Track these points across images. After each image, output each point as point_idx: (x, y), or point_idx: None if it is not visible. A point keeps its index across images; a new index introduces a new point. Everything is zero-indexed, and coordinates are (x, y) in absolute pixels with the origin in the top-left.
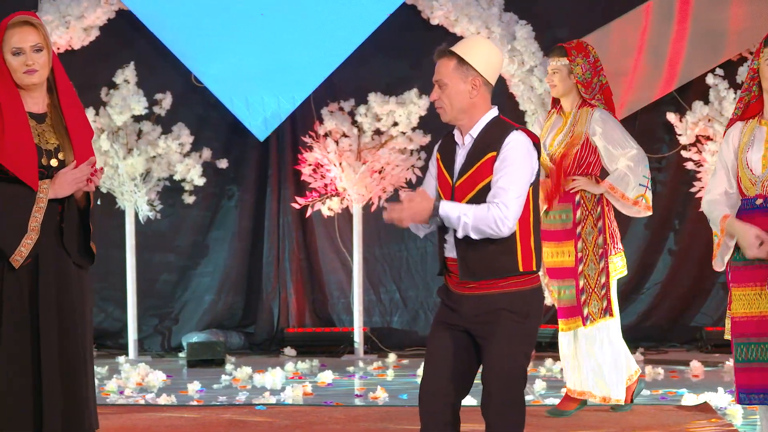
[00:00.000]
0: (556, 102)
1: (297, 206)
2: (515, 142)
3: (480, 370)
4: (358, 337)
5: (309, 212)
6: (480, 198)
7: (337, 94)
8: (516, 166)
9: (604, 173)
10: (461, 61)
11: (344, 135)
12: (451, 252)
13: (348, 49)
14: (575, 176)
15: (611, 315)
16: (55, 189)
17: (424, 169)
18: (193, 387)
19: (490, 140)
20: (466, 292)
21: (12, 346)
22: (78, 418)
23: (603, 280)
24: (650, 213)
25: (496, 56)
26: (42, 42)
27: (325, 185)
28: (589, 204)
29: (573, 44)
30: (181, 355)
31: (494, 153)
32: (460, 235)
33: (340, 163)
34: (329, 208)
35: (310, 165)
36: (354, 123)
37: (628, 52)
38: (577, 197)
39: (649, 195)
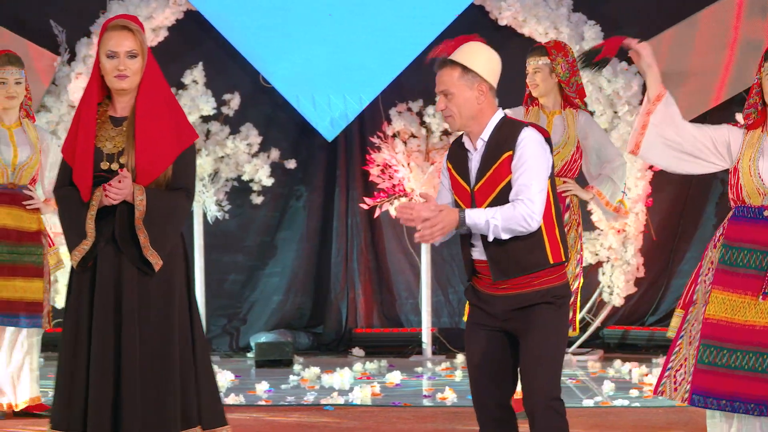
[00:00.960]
0: (529, 101)
1: (365, 207)
2: (529, 139)
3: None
4: (426, 337)
5: (377, 213)
6: (501, 199)
7: (406, 95)
8: (533, 160)
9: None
10: (465, 69)
11: (412, 135)
12: (479, 255)
13: (416, 49)
14: (566, 179)
15: (574, 330)
16: (102, 198)
17: None
18: (262, 387)
19: (504, 140)
20: (499, 293)
21: (70, 344)
22: (128, 418)
23: (575, 285)
24: (627, 218)
25: (496, 61)
26: (137, 48)
27: (393, 186)
28: (576, 209)
29: (551, 44)
30: (250, 355)
31: (510, 152)
32: (491, 238)
33: (409, 164)
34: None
35: (378, 165)
36: (422, 123)
37: (717, 47)
38: (567, 200)
39: (626, 201)
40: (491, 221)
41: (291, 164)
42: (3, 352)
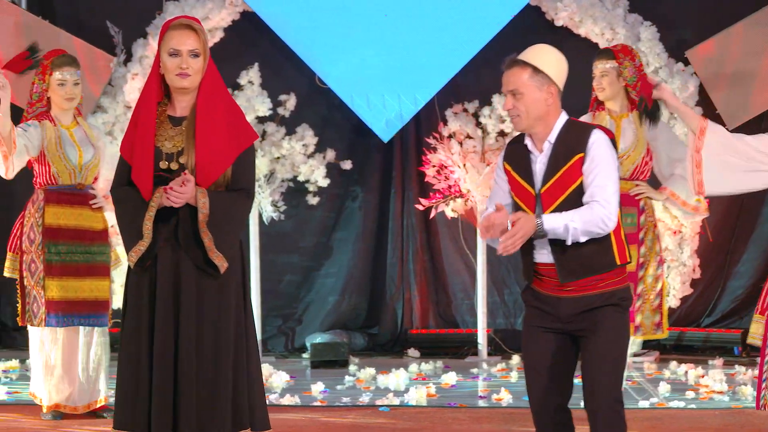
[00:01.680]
0: (596, 105)
1: (421, 207)
2: (600, 141)
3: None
4: (481, 338)
5: (433, 213)
6: (570, 201)
7: (461, 96)
8: (606, 162)
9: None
10: (536, 70)
11: (468, 136)
12: (543, 257)
13: (472, 50)
14: (638, 182)
15: (663, 332)
16: (161, 199)
17: None
18: (317, 388)
19: (573, 143)
20: (564, 295)
21: (131, 345)
22: (186, 417)
23: (659, 287)
24: (708, 215)
25: (564, 63)
26: (200, 48)
27: (449, 186)
28: (651, 210)
29: (619, 47)
30: (305, 355)
31: (581, 154)
32: (569, 241)
33: (464, 165)
34: (453, 209)
35: (434, 166)
36: (478, 124)
37: (757, 53)
38: (642, 203)
39: (703, 198)
40: (570, 225)
41: (347, 165)
42: (80, 353)
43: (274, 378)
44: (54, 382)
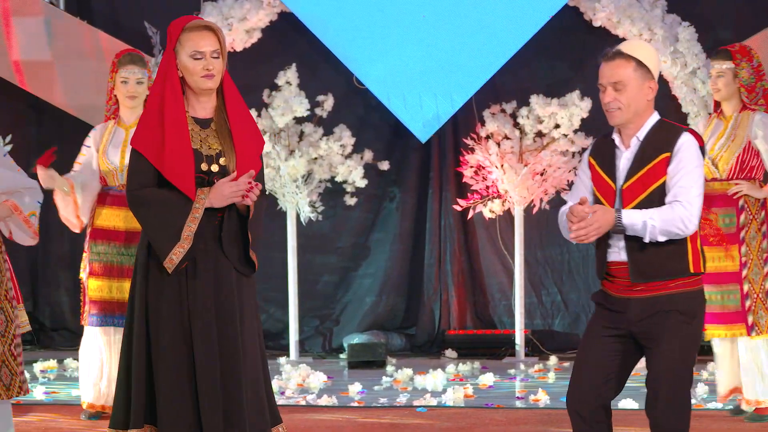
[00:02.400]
0: (717, 105)
1: (458, 208)
2: (689, 143)
3: (635, 370)
4: (519, 339)
5: (470, 214)
6: (651, 199)
7: (499, 96)
8: (692, 165)
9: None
10: (640, 63)
11: (506, 137)
12: (616, 256)
13: (510, 51)
14: (738, 181)
15: None
16: (211, 200)
17: None
18: (354, 388)
19: (661, 142)
20: (633, 295)
21: (169, 349)
22: (238, 419)
23: (767, 286)
24: None
25: (659, 60)
26: (220, 48)
27: (487, 187)
28: (753, 208)
29: (737, 47)
30: (342, 356)
31: (668, 154)
32: (647, 239)
33: (502, 165)
34: (491, 210)
35: (471, 167)
36: (516, 125)
37: None
38: (741, 201)
39: None
40: (649, 222)
41: (384, 165)
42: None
43: (312, 378)
44: (92, 382)
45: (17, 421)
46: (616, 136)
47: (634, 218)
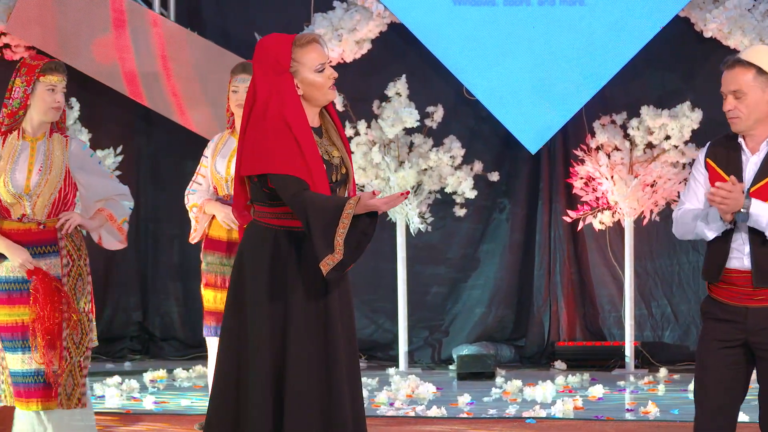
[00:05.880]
0: None
1: (568, 219)
2: None
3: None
4: (629, 351)
5: (580, 225)
6: None
7: (609, 107)
8: None
9: None
10: (760, 71)
11: (616, 148)
12: (738, 263)
13: (620, 62)
14: None
15: None
16: (357, 212)
17: None
18: (463, 399)
19: None
20: (753, 305)
21: (302, 353)
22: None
23: None
24: None
25: None
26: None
27: (597, 198)
28: None
29: None
30: (452, 367)
31: None
32: None
33: (612, 177)
34: (601, 221)
35: (581, 178)
36: (626, 136)
37: None
38: None
39: None
40: None
41: (494, 177)
42: None
43: (421, 389)
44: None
45: (126, 430)
46: (742, 141)
47: (761, 210)
